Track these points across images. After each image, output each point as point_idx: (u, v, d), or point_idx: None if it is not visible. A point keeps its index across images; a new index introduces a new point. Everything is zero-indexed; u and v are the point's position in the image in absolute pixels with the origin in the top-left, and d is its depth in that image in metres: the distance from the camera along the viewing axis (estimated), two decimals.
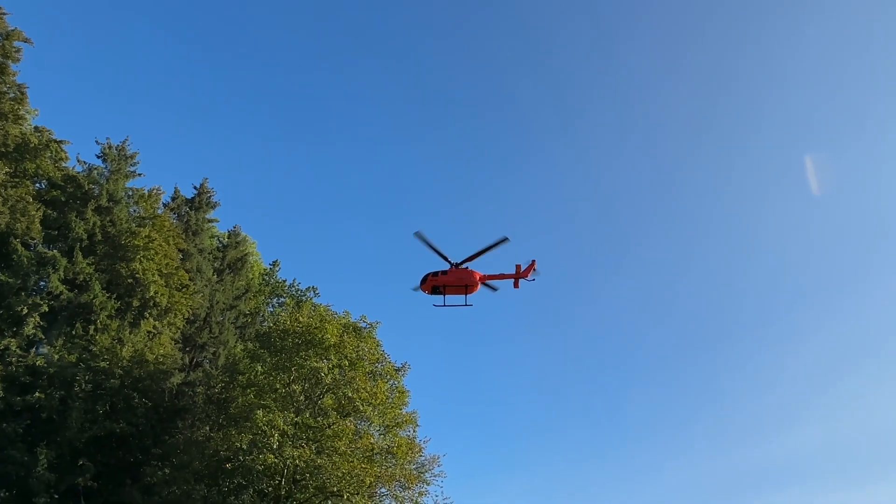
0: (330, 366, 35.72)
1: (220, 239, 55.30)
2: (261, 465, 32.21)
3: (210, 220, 52.68)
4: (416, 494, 38.12)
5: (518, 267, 35.31)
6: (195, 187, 51.49)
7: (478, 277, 34.58)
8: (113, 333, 38.44)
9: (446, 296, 34.51)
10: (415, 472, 37.43)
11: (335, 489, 32.88)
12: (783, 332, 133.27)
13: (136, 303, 40.47)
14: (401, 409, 39.48)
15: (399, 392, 39.88)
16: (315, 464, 31.96)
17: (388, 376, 39.41)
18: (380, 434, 38.37)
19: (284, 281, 56.78)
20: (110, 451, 36.49)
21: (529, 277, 35.31)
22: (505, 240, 32.83)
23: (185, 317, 44.14)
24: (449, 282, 34.25)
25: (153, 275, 40.44)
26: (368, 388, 35.51)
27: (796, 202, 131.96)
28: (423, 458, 39.15)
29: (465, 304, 34.56)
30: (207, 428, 38.17)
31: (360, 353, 37.41)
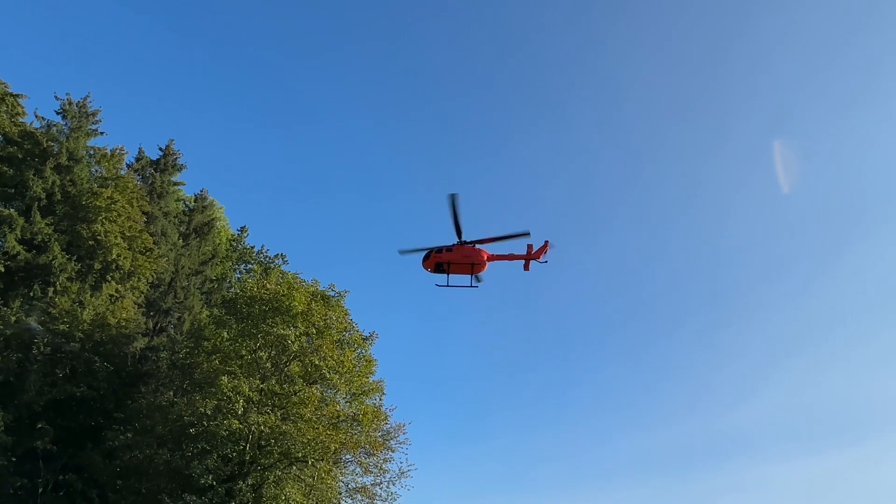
0: (297, 333, 35.58)
1: (187, 203, 54.12)
2: (225, 431, 32.15)
3: (176, 183, 51.44)
4: (381, 461, 38.66)
5: (530, 247, 32.22)
6: (160, 149, 50.12)
7: (485, 257, 31.45)
8: (73, 296, 37.57)
9: (450, 275, 31.25)
10: (380, 440, 37.87)
11: (300, 455, 33.07)
12: (742, 310, 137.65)
13: (97, 265, 39.51)
14: (367, 378, 39.72)
15: (366, 361, 40.04)
16: (280, 430, 32.01)
17: (356, 345, 39.48)
18: (346, 402, 38.63)
19: (252, 247, 56.01)
20: (70, 414, 35.96)
21: (541, 259, 32.25)
22: (526, 234, 30.23)
23: (149, 281, 43.35)
24: (454, 259, 30.99)
25: (116, 237, 39.44)
26: (335, 357, 35.51)
27: (763, 188, 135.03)
28: (388, 426, 39.62)
29: (471, 286, 31.47)
30: (171, 393, 37.88)
31: (328, 321, 37.32)
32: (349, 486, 39.84)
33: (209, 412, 32.18)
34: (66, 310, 36.28)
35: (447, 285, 31.22)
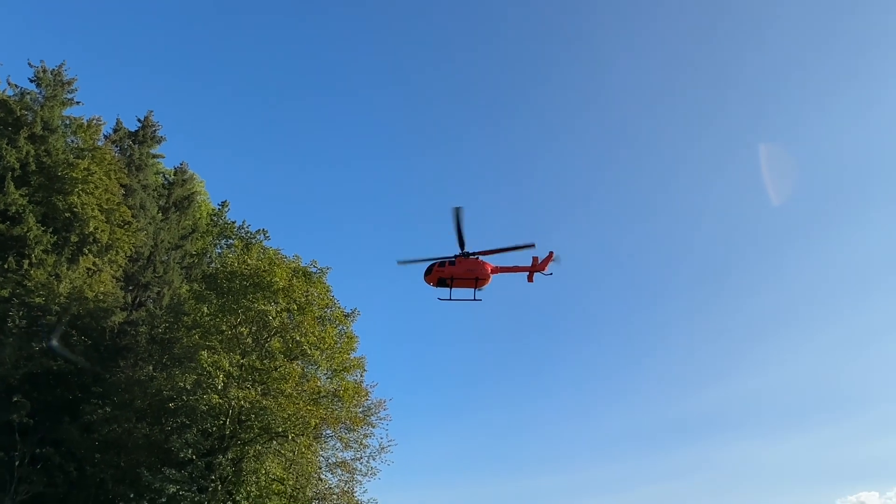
0: (278, 309, 35.45)
1: (166, 176, 53.14)
2: (205, 406, 32.09)
3: (155, 156, 50.50)
4: (362, 436, 38.92)
5: (535, 259, 31.13)
6: (139, 120, 49.06)
7: (489, 269, 30.34)
8: (49, 269, 36.92)
9: (453, 289, 30.24)
10: (360, 415, 38.08)
11: (280, 430, 33.19)
12: (724, 291, 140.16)
13: (74, 238, 38.81)
14: (349, 354, 39.75)
15: (347, 337, 40.04)
16: (260, 405, 32.05)
17: (337, 321, 39.44)
18: (327, 378, 38.68)
19: (233, 222, 55.26)
20: (47, 388, 35.64)
21: (546, 271, 31.15)
22: (531, 245, 29.21)
23: (128, 255, 42.72)
24: (457, 273, 29.96)
25: (93, 209, 38.70)
26: (317, 333, 35.49)
27: (742, 178, 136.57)
28: (369, 402, 39.84)
29: (474, 299, 30.38)
30: (150, 367, 37.62)
31: (310, 297, 37.21)
32: (329, 460, 40.14)
33: (189, 387, 32.07)
34: (41, 283, 35.68)
35: (450, 299, 30.39)
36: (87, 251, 39.42)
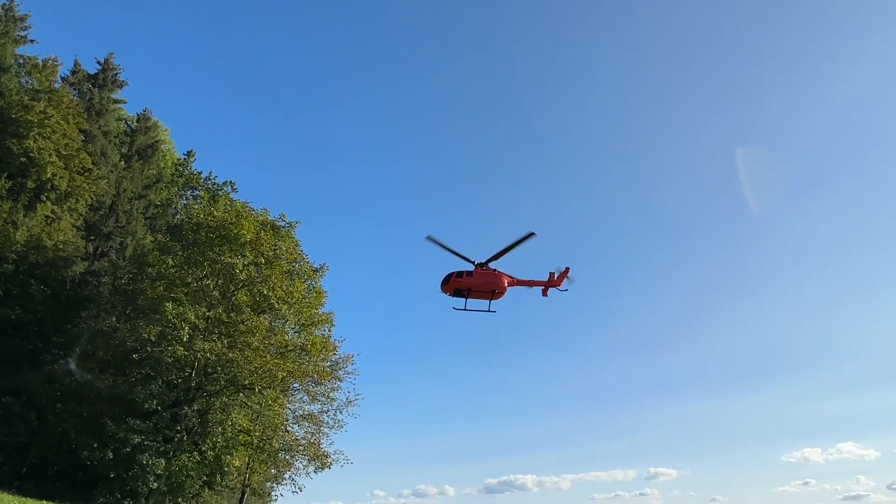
0: (245, 263, 34.97)
1: (129, 122, 51.25)
2: (170, 357, 31.78)
3: (116, 101, 48.53)
4: (329, 390, 39.34)
5: (552, 275, 31.75)
6: (99, 62, 46.90)
7: (506, 282, 30.72)
8: (4, 216, 35.61)
9: (468, 299, 30.37)
10: (328, 369, 38.36)
11: (246, 382, 33.18)
12: (680, 257, 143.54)
13: (30, 184, 37.36)
14: (317, 309, 39.74)
15: (316, 292, 39.94)
16: (227, 357, 31.86)
17: (306, 276, 39.22)
18: (294, 332, 38.67)
19: (200, 173, 53.68)
20: (5, 337, 34.83)
21: (561, 287, 31.73)
22: (532, 235, 29.02)
23: (88, 203, 41.41)
24: (474, 285, 30.17)
25: (50, 155, 37.21)
26: (284, 287, 35.24)
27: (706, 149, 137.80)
28: (337, 357, 40.15)
29: (489, 311, 30.68)
30: (114, 319, 36.97)
31: (278, 251, 36.77)
32: (296, 413, 40.58)
33: (153, 338, 31.65)
34: None
35: (464, 309, 30.49)
36: (44, 198, 38.07)
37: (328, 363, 39.03)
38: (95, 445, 30.66)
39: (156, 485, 31.40)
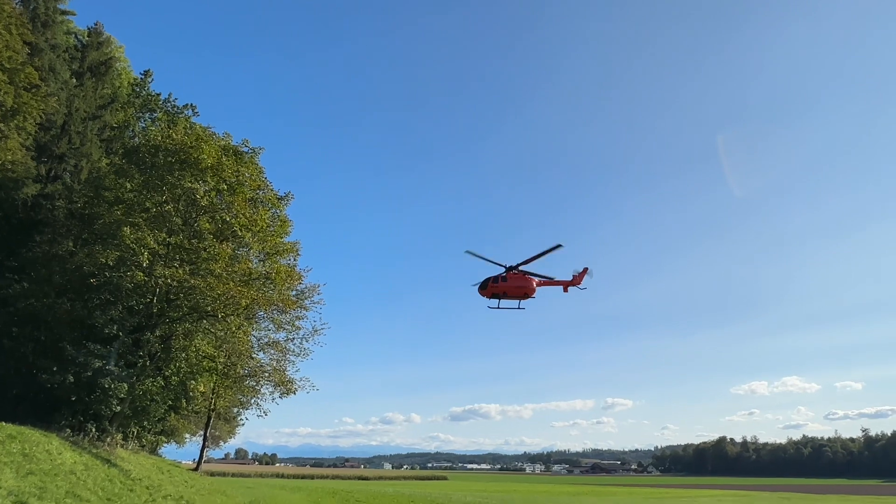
0: (206, 188, 34.02)
1: (79, 37, 48.07)
2: (130, 283, 31.21)
3: (64, 12, 45.28)
4: (294, 318, 39.50)
5: (574, 274, 36.37)
6: None
7: (535, 284, 35.33)
8: None
9: (502, 300, 35.25)
10: (293, 298, 38.34)
11: (209, 309, 32.94)
12: (652, 198, 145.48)
13: None
14: (282, 238, 39.30)
15: (281, 221, 39.38)
16: (189, 284, 31.42)
17: (270, 204, 38.48)
18: (259, 260, 38.28)
19: (158, 94, 51.31)
20: None
21: (581, 285, 36.25)
22: (559, 246, 32.96)
23: (38, 122, 39.15)
24: (509, 290, 34.96)
25: None
26: (248, 214, 34.53)
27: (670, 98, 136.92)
28: (302, 286, 40.10)
29: (518, 308, 35.53)
30: (70, 243, 35.94)
31: (241, 177, 35.79)
32: (262, 340, 40.79)
33: (112, 263, 30.94)
34: None
35: (498, 307, 35.47)
36: None
37: (294, 292, 38.98)
38: (55, 369, 30.41)
39: (119, 408, 31.56)
